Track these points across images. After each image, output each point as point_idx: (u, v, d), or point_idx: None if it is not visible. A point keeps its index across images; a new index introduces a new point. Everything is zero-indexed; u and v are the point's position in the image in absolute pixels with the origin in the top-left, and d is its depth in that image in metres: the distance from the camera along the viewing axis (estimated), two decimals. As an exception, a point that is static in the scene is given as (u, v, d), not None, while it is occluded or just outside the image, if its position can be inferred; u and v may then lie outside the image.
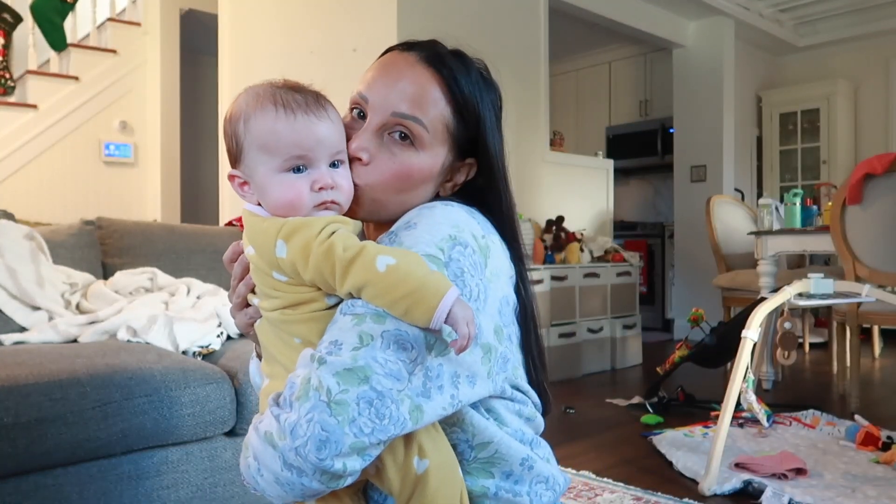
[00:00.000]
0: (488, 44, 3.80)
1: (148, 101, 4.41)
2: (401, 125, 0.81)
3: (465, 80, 0.83)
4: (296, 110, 0.78)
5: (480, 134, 0.84)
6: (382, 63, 0.85)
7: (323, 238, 0.72)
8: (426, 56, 0.83)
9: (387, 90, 0.81)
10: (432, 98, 0.81)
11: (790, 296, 2.25)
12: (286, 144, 0.77)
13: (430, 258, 0.72)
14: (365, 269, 0.70)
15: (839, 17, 5.62)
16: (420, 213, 0.78)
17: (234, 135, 0.80)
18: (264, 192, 0.79)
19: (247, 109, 0.79)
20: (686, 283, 5.49)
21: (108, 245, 2.31)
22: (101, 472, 1.45)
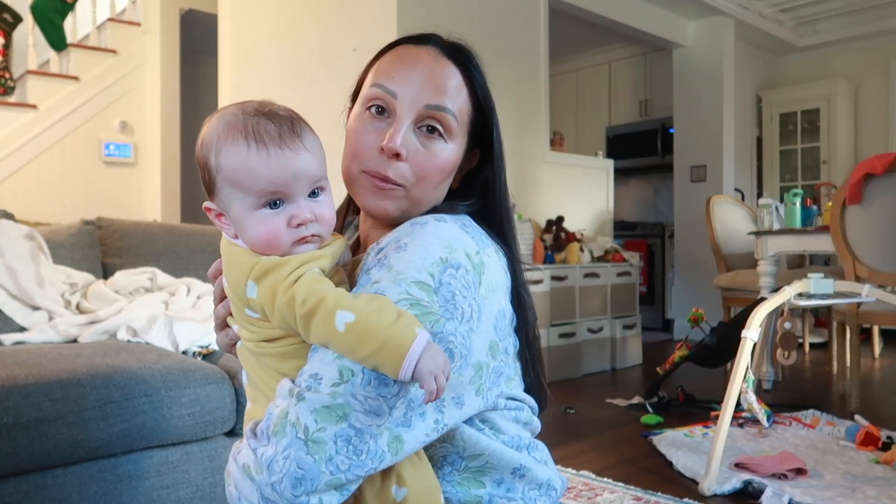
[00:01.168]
0: (488, 44, 3.81)
1: (148, 101, 4.40)
2: (433, 117, 0.80)
3: (480, 72, 0.85)
4: (268, 144, 0.72)
5: (492, 123, 0.86)
6: (401, 57, 0.83)
7: (287, 285, 0.69)
8: (445, 48, 0.84)
9: (418, 83, 0.80)
10: (458, 87, 0.82)
11: (790, 296, 2.25)
12: (260, 181, 0.72)
13: (419, 285, 0.70)
14: (325, 327, 0.67)
15: (839, 17, 5.62)
16: (412, 232, 0.75)
17: (206, 166, 0.75)
18: (241, 228, 0.74)
19: (217, 142, 0.73)
20: (686, 283, 5.49)
21: (108, 245, 2.31)
22: (101, 472, 1.45)
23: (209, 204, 0.77)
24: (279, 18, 3.63)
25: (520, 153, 4.05)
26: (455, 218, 0.80)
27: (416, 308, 0.69)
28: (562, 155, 4.50)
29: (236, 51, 3.79)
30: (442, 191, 0.84)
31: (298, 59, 3.51)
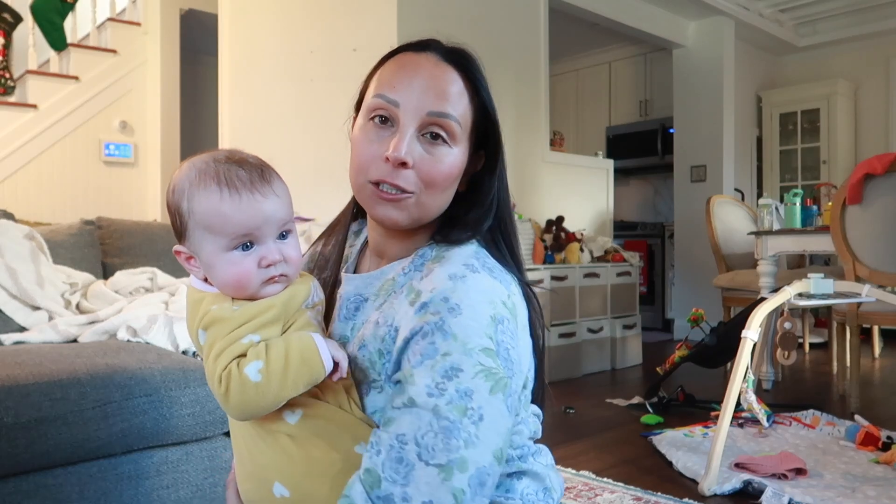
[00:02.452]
0: (488, 44, 3.81)
1: (148, 101, 4.40)
2: (436, 124, 0.80)
3: (481, 76, 0.84)
4: (240, 189, 0.75)
5: (495, 126, 0.86)
6: (402, 65, 0.82)
7: (214, 354, 0.73)
8: (445, 54, 0.83)
9: (419, 91, 0.80)
10: (459, 93, 0.82)
11: (790, 296, 2.25)
12: (232, 225, 0.75)
13: (485, 352, 0.72)
14: (242, 390, 0.72)
15: (839, 17, 5.62)
16: (455, 289, 0.75)
17: (178, 212, 0.77)
18: (211, 270, 0.77)
19: (189, 188, 0.76)
20: (686, 283, 5.48)
21: (108, 245, 2.31)
22: (101, 472, 1.45)
23: (179, 247, 0.79)
24: (279, 18, 3.63)
25: (520, 153, 4.04)
26: (478, 259, 0.80)
27: (490, 378, 0.71)
28: (562, 155, 4.50)
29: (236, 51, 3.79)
30: (449, 195, 0.84)
31: (298, 59, 3.51)
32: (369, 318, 0.83)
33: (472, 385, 0.70)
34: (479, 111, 0.84)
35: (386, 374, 0.78)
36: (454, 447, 0.68)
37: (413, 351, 0.73)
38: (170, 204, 0.79)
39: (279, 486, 0.77)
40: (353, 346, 0.82)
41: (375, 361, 0.79)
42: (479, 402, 0.70)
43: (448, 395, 0.69)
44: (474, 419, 0.69)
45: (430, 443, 0.68)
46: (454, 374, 0.70)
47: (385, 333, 0.78)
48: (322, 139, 3.33)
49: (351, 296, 0.88)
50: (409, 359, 0.73)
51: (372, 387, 0.79)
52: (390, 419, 0.72)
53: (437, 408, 0.69)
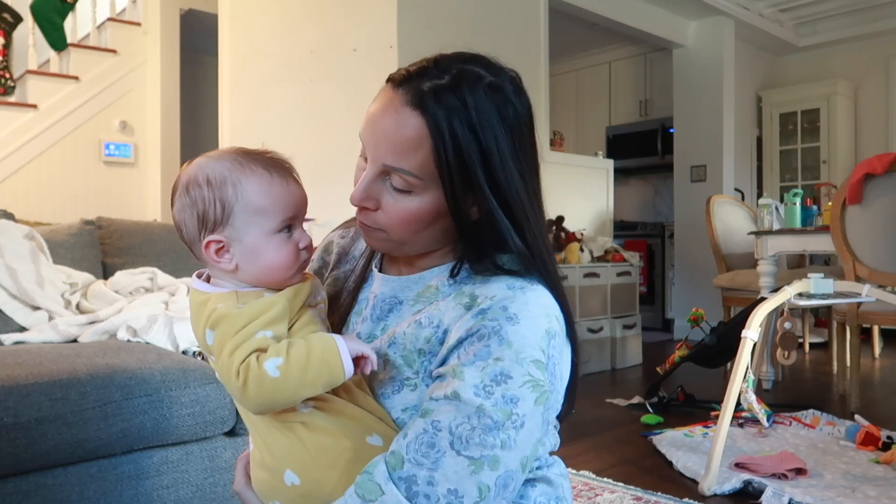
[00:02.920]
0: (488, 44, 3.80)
1: (148, 101, 4.40)
2: (391, 174, 0.77)
3: (457, 116, 0.75)
4: (284, 175, 0.80)
5: (487, 167, 0.76)
6: (375, 104, 0.79)
7: (230, 349, 0.74)
8: (411, 97, 0.76)
9: (375, 139, 0.77)
10: (415, 142, 0.75)
11: (790, 296, 2.25)
12: (282, 207, 0.79)
13: (536, 364, 0.73)
14: (259, 385, 0.72)
15: (839, 17, 5.62)
16: (515, 300, 0.75)
17: (221, 199, 0.78)
18: (256, 255, 0.79)
19: (233, 174, 0.78)
20: (686, 283, 5.48)
21: (108, 245, 2.31)
22: (101, 472, 1.45)
23: (214, 236, 0.79)
24: (279, 18, 3.63)
25: (520, 153, 4.03)
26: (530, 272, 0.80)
27: (536, 390, 0.72)
28: (562, 155, 4.50)
29: (236, 51, 3.79)
30: (428, 234, 0.81)
31: (298, 59, 3.51)
32: (406, 319, 0.83)
33: (519, 393, 0.71)
34: (451, 155, 0.75)
35: (425, 371, 0.78)
36: (490, 444, 0.69)
37: (466, 350, 0.73)
38: (203, 196, 0.78)
39: (290, 474, 0.78)
40: (382, 343, 0.82)
41: (413, 360, 0.79)
42: (524, 410, 0.71)
43: (494, 399, 0.70)
44: (516, 425, 0.71)
45: (465, 434, 0.69)
46: (503, 379, 0.71)
47: (431, 334, 0.78)
48: (322, 139, 3.33)
49: (386, 297, 0.88)
50: (460, 356, 0.73)
51: (405, 384, 0.79)
52: (427, 410, 0.73)
53: (482, 407, 0.70)
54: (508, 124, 0.77)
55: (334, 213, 3.23)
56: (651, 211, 6.55)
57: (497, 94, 0.78)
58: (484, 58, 0.82)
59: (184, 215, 0.80)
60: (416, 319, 0.81)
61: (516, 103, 0.79)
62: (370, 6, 3.40)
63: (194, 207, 0.79)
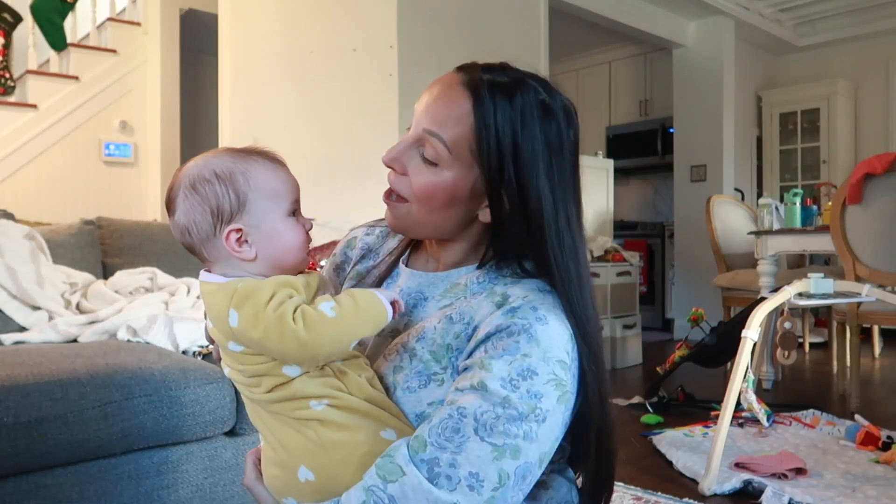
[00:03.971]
0: (488, 44, 3.81)
1: (148, 100, 4.40)
2: (425, 141, 0.81)
3: (502, 110, 0.79)
4: (282, 163, 0.85)
5: (517, 168, 0.79)
6: (433, 81, 0.85)
7: (275, 305, 0.75)
8: (468, 80, 0.82)
9: (424, 107, 0.83)
10: (458, 116, 0.80)
11: (790, 295, 2.25)
12: (290, 190, 0.84)
13: (560, 364, 0.75)
14: (319, 323, 0.74)
15: (839, 17, 5.62)
16: (544, 302, 0.78)
17: (234, 190, 0.80)
18: (275, 238, 0.82)
19: (237, 165, 0.81)
20: (686, 283, 5.48)
21: (108, 245, 2.31)
22: (101, 472, 1.45)
23: (237, 224, 0.81)
24: (279, 18, 3.63)
25: (520, 153, 4.03)
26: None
27: (559, 388, 0.74)
28: (562, 155, 4.49)
29: (236, 51, 3.79)
30: (444, 217, 0.83)
31: (298, 59, 3.50)
32: (432, 315, 0.85)
33: (543, 390, 0.73)
34: (487, 144, 0.79)
35: (453, 367, 0.80)
36: (513, 434, 0.71)
37: (494, 344, 0.75)
38: (214, 190, 0.80)
39: (305, 470, 0.78)
40: (410, 337, 0.83)
41: (442, 355, 0.80)
42: (547, 406, 0.73)
43: (520, 392, 0.72)
44: (539, 419, 0.72)
45: (490, 422, 0.71)
46: (529, 375, 0.73)
47: (461, 330, 0.80)
48: (322, 139, 3.33)
49: (412, 292, 0.90)
50: (487, 350, 0.75)
51: (432, 379, 0.80)
52: (452, 399, 0.74)
53: (508, 398, 0.72)
54: (549, 140, 0.81)
55: (334, 213, 3.23)
56: (651, 211, 6.55)
57: (545, 112, 0.82)
58: (547, 82, 0.87)
59: (193, 215, 0.81)
60: (446, 315, 0.82)
61: (562, 127, 0.83)
62: (370, 6, 3.40)
63: (206, 203, 0.80)
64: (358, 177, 3.25)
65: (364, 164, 3.25)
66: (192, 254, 0.85)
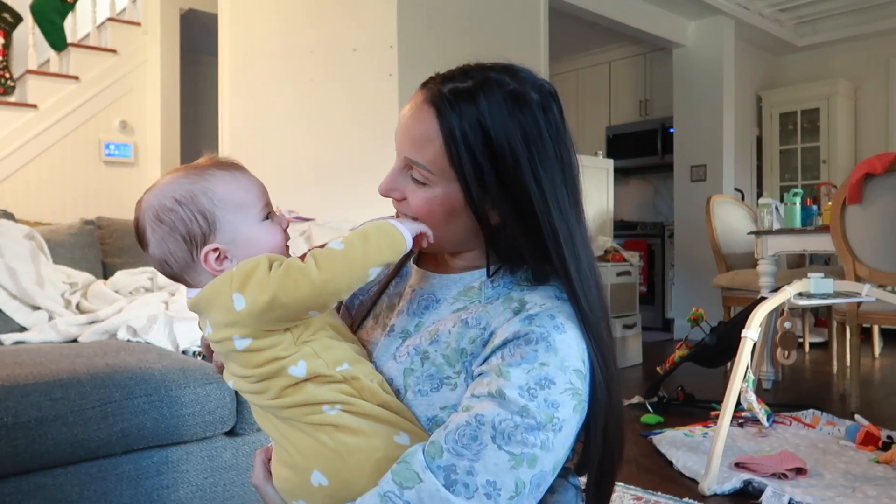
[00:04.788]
0: (488, 44, 3.80)
1: (148, 100, 4.40)
2: (410, 166, 0.82)
3: (468, 117, 0.78)
4: (240, 168, 0.84)
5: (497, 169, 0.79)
6: (408, 104, 0.85)
7: (276, 266, 0.75)
8: (430, 96, 0.81)
9: (401, 134, 0.83)
10: (427, 136, 0.80)
11: (790, 295, 2.25)
12: (257, 195, 0.83)
13: (577, 373, 0.75)
14: (328, 258, 0.75)
15: (839, 17, 5.62)
16: (561, 310, 0.78)
17: (199, 211, 0.80)
18: (253, 246, 0.80)
19: (195, 185, 0.80)
20: (686, 283, 5.48)
21: (108, 245, 2.31)
22: (101, 471, 1.45)
23: (215, 244, 0.80)
24: (279, 18, 3.63)
25: (520, 153, 4.03)
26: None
27: (575, 398, 0.75)
28: (562, 155, 4.49)
29: (236, 51, 3.79)
30: (451, 230, 0.83)
31: (298, 59, 3.50)
32: (445, 318, 0.84)
33: (560, 399, 0.73)
34: (455, 153, 0.78)
35: (467, 372, 0.79)
36: (531, 443, 0.71)
37: (511, 352, 0.75)
38: (179, 216, 0.80)
39: (318, 475, 0.78)
40: (423, 340, 0.83)
41: (455, 360, 0.80)
42: (564, 416, 0.73)
43: (537, 402, 0.72)
44: (556, 428, 0.73)
45: (508, 430, 0.71)
46: (547, 384, 0.73)
47: (477, 335, 0.80)
48: (322, 139, 3.33)
49: (424, 293, 0.89)
50: (504, 356, 0.75)
51: (445, 383, 0.80)
52: (469, 405, 0.74)
53: (527, 407, 0.72)
54: (524, 130, 0.79)
55: (334, 213, 3.23)
56: (651, 211, 6.55)
57: (515, 101, 0.79)
58: (515, 68, 0.84)
59: (166, 245, 0.80)
60: (461, 318, 0.82)
61: (536, 112, 0.80)
62: (370, 6, 3.40)
63: (175, 232, 0.80)
64: (358, 177, 3.25)
65: (364, 164, 3.25)
66: (177, 282, 0.85)
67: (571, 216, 0.81)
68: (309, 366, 0.77)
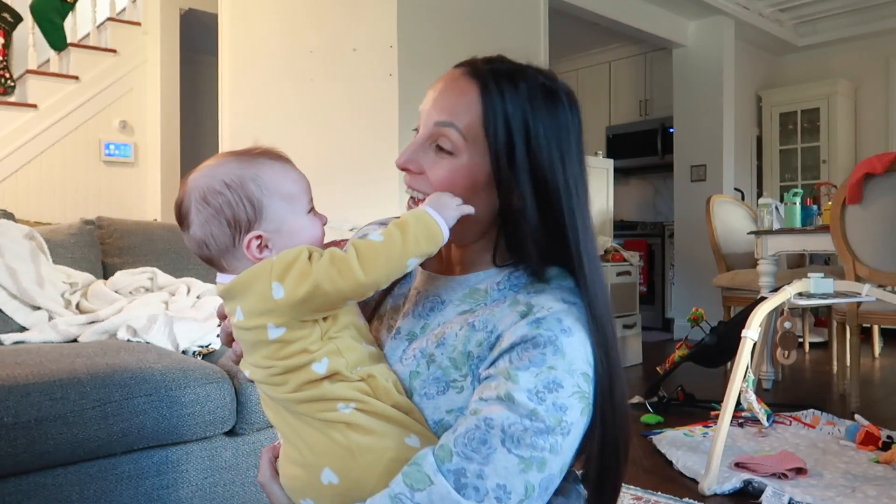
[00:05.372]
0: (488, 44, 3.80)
1: (148, 100, 4.40)
2: (439, 134, 0.81)
3: (509, 94, 0.80)
4: (289, 161, 0.84)
5: (528, 150, 0.80)
6: (436, 81, 0.86)
7: (317, 257, 0.76)
8: (470, 69, 0.83)
9: (432, 103, 0.83)
10: (466, 104, 0.81)
11: (790, 295, 2.25)
12: (303, 189, 0.83)
13: (584, 376, 0.75)
14: (369, 249, 0.74)
15: (839, 16, 5.62)
16: (569, 314, 0.78)
17: (247, 197, 0.80)
18: (295, 238, 0.81)
19: (246, 171, 0.80)
20: (686, 283, 5.48)
21: (108, 245, 2.31)
22: (101, 471, 1.45)
23: (259, 232, 0.80)
24: (279, 18, 3.63)
25: (520, 153, 4.03)
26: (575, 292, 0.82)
27: (583, 401, 0.75)
28: (562, 155, 4.49)
29: (236, 51, 3.79)
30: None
31: (298, 59, 3.51)
32: (451, 320, 0.84)
33: (568, 402, 0.74)
34: (492, 125, 0.80)
35: (473, 375, 0.79)
36: (540, 447, 0.71)
37: (520, 355, 0.75)
38: (226, 200, 0.79)
39: (328, 473, 0.77)
40: (429, 343, 0.83)
41: (462, 363, 0.80)
42: (572, 419, 0.74)
43: (546, 405, 0.72)
44: (564, 432, 0.73)
45: (517, 434, 0.71)
46: (555, 388, 0.73)
47: (484, 339, 0.79)
48: (322, 139, 3.33)
49: (430, 295, 0.89)
50: (512, 360, 0.75)
51: (451, 386, 0.80)
52: (477, 409, 0.74)
53: (536, 411, 0.72)
54: (556, 123, 0.82)
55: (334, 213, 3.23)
56: (651, 211, 6.55)
57: (549, 95, 0.83)
58: (546, 69, 0.87)
59: (210, 227, 0.80)
60: (468, 321, 0.82)
61: (568, 111, 0.83)
62: (370, 6, 3.40)
63: (221, 215, 0.79)
64: (358, 177, 3.25)
65: (364, 164, 3.25)
66: (210, 265, 0.84)
67: (586, 212, 0.83)
68: (330, 364, 0.77)
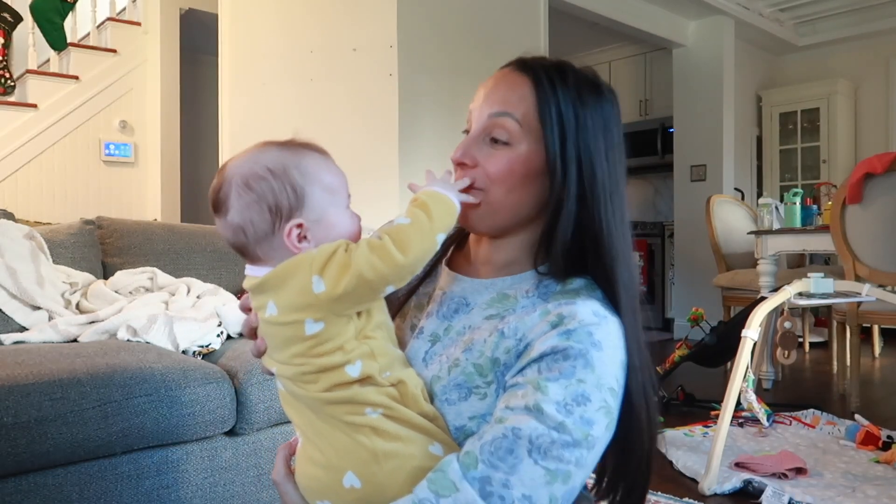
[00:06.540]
0: (488, 44, 3.81)
1: (148, 100, 4.41)
2: (494, 125, 0.83)
3: (560, 86, 0.84)
4: (329, 156, 0.85)
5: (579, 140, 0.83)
6: (485, 81, 0.88)
7: (354, 247, 0.76)
8: (521, 66, 0.86)
9: (484, 99, 0.85)
10: (520, 95, 0.83)
11: (790, 295, 2.25)
12: (343, 183, 0.83)
13: (611, 392, 0.75)
14: (400, 233, 0.75)
15: (839, 16, 5.62)
16: (599, 327, 0.77)
17: (291, 184, 0.79)
18: (335, 228, 0.80)
19: (290, 160, 0.80)
20: (686, 283, 5.48)
21: (108, 245, 2.31)
22: (101, 471, 1.45)
23: (300, 220, 0.79)
24: (279, 18, 3.63)
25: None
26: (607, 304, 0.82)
27: (608, 416, 0.75)
28: (562, 154, 4.49)
29: (236, 51, 3.79)
30: (519, 197, 0.83)
31: (299, 59, 3.51)
32: (480, 326, 0.83)
33: (595, 417, 0.74)
34: (547, 114, 0.82)
35: (498, 383, 0.79)
36: (566, 460, 0.72)
37: (549, 366, 0.75)
38: (272, 186, 0.78)
39: (351, 476, 0.77)
40: (457, 348, 0.82)
41: (487, 370, 0.79)
42: (597, 434, 0.74)
43: (574, 418, 0.72)
44: (590, 446, 0.73)
45: (544, 446, 0.71)
46: (583, 401, 0.73)
47: (512, 346, 0.79)
48: (322, 139, 3.30)
49: (455, 296, 0.89)
50: (541, 370, 0.75)
51: (473, 392, 0.79)
52: (503, 417, 0.74)
53: (564, 423, 0.72)
54: (604, 117, 0.85)
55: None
56: (651, 210, 6.55)
57: (596, 90, 0.86)
58: (586, 66, 0.91)
59: (250, 214, 0.78)
60: (497, 328, 0.81)
61: (611, 105, 0.87)
62: (370, 6, 3.40)
63: (263, 201, 0.78)
64: (358, 177, 3.23)
65: (364, 164, 3.25)
66: (240, 254, 0.82)
67: (625, 210, 0.85)
68: (364, 367, 0.76)
